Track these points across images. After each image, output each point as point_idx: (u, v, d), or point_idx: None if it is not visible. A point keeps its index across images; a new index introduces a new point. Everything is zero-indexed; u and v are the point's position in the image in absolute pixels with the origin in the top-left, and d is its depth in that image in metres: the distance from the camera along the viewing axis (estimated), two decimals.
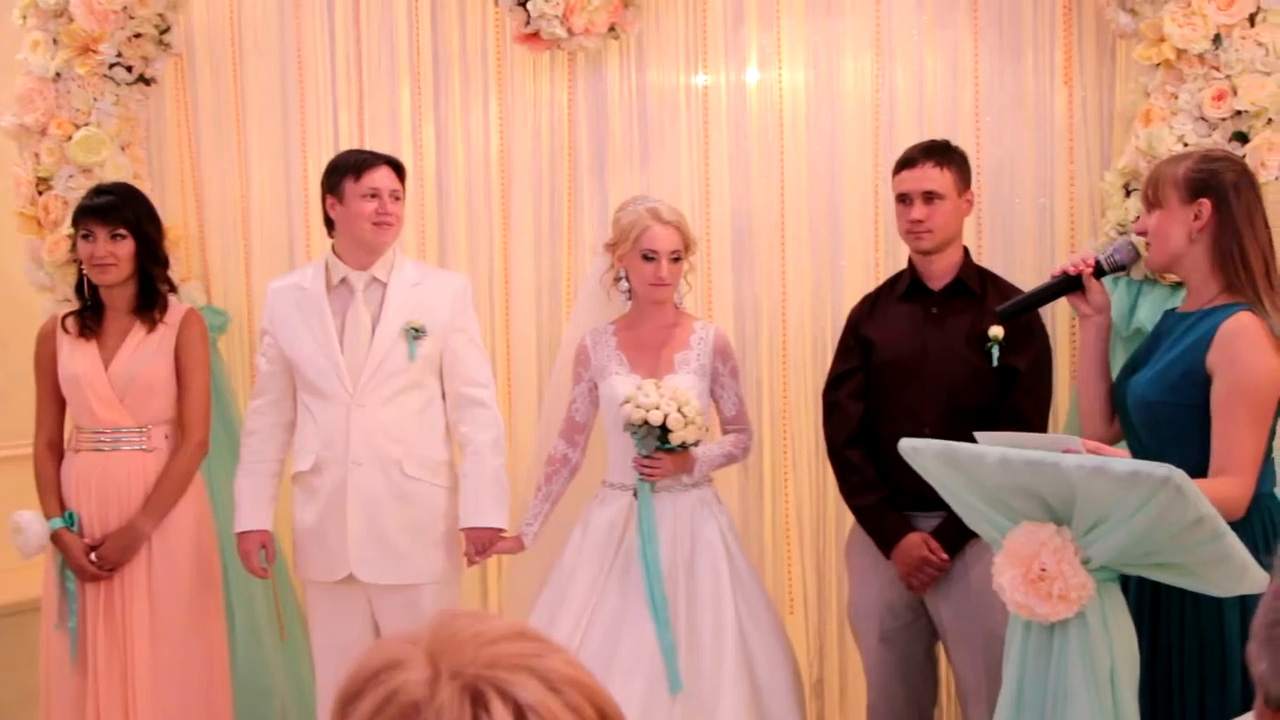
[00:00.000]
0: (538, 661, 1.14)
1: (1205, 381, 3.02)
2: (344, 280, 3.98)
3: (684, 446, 3.81)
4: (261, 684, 4.61)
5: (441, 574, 4.01)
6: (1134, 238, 3.42)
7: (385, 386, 3.91)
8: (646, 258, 3.88)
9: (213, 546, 4.16)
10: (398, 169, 3.99)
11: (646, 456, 3.81)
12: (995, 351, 3.62)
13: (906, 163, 3.78)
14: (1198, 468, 2.94)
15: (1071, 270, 3.27)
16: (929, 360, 3.74)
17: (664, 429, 3.75)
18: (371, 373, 3.90)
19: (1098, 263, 3.27)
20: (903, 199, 3.77)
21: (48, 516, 3.98)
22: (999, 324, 3.64)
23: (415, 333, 3.92)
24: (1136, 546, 2.78)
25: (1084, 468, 2.77)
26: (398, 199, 3.96)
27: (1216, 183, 3.09)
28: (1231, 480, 2.95)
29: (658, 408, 3.74)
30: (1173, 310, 3.31)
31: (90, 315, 4.04)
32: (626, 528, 3.89)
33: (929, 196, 3.72)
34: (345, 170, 3.95)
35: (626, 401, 3.78)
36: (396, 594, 3.93)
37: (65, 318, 4.06)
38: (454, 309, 4.01)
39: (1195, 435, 3.03)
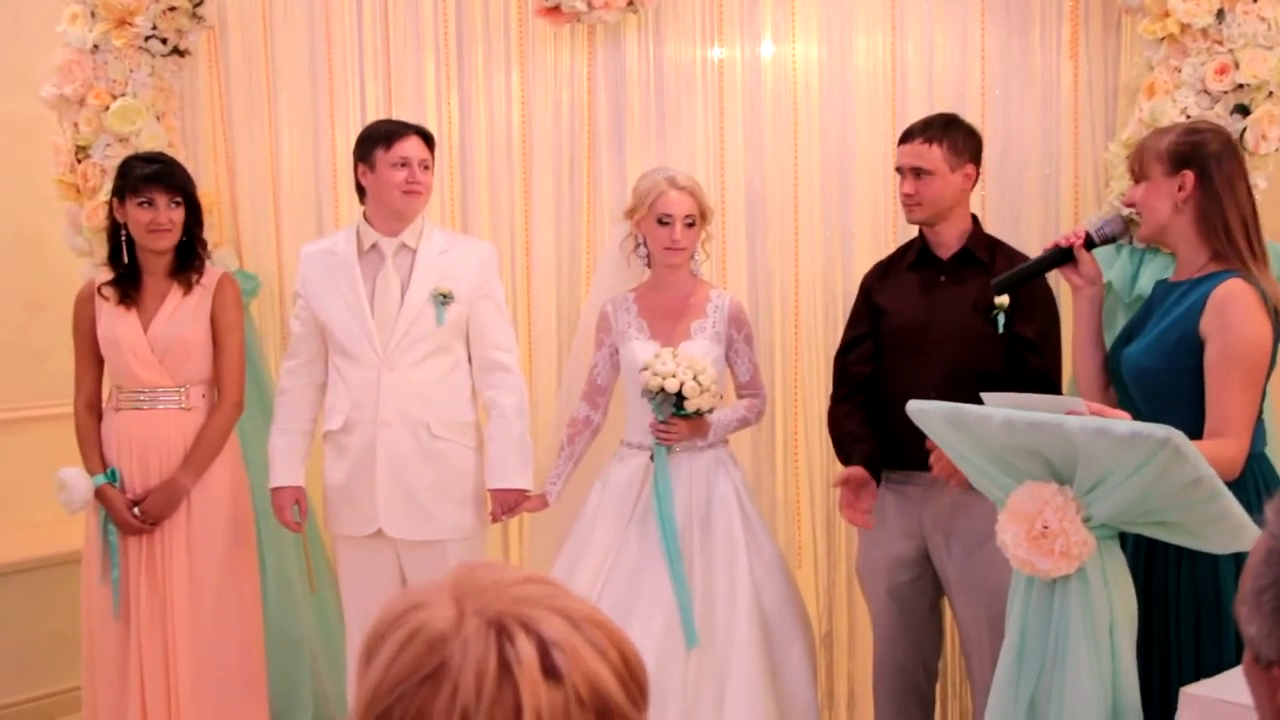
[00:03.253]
0: (559, 601, 1.15)
1: (1199, 347, 3.04)
2: (374, 246, 4.01)
3: (699, 413, 3.83)
4: (292, 633, 4.65)
5: (467, 530, 4.05)
6: (1124, 210, 3.43)
7: (414, 350, 3.94)
8: (661, 222, 3.91)
9: (247, 501, 4.21)
10: (427, 139, 4.02)
11: (663, 421, 3.84)
12: (1000, 319, 3.63)
13: (904, 138, 3.80)
14: (1193, 431, 2.94)
15: (1063, 243, 3.29)
16: (936, 327, 3.75)
17: (680, 396, 3.78)
18: (401, 337, 3.94)
19: (1088, 235, 3.29)
20: (899, 171, 3.79)
21: (90, 473, 4.02)
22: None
23: (443, 298, 3.94)
24: (1136, 505, 2.81)
25: (1086, 429, 2.79)
26: (426, 168, 3.98)
27: (1199, 154, 3.11)
28: (1227, 442, 2.98)
29: (674, 376, 3.77)
30: (1164, 280, 3.32)
31: (128, 282, 4.06)
32: (644, 484, 3.93)
33: (917, 172, 3.73)
34: (376, 139, 3.97)
35: (645, 369, 3.81)
36: (424, 549, 3.98)
37: (102, 286, 4.08)
38: (480, 276, 4.04)
39: (1190, 399, 3.05)
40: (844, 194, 4.35)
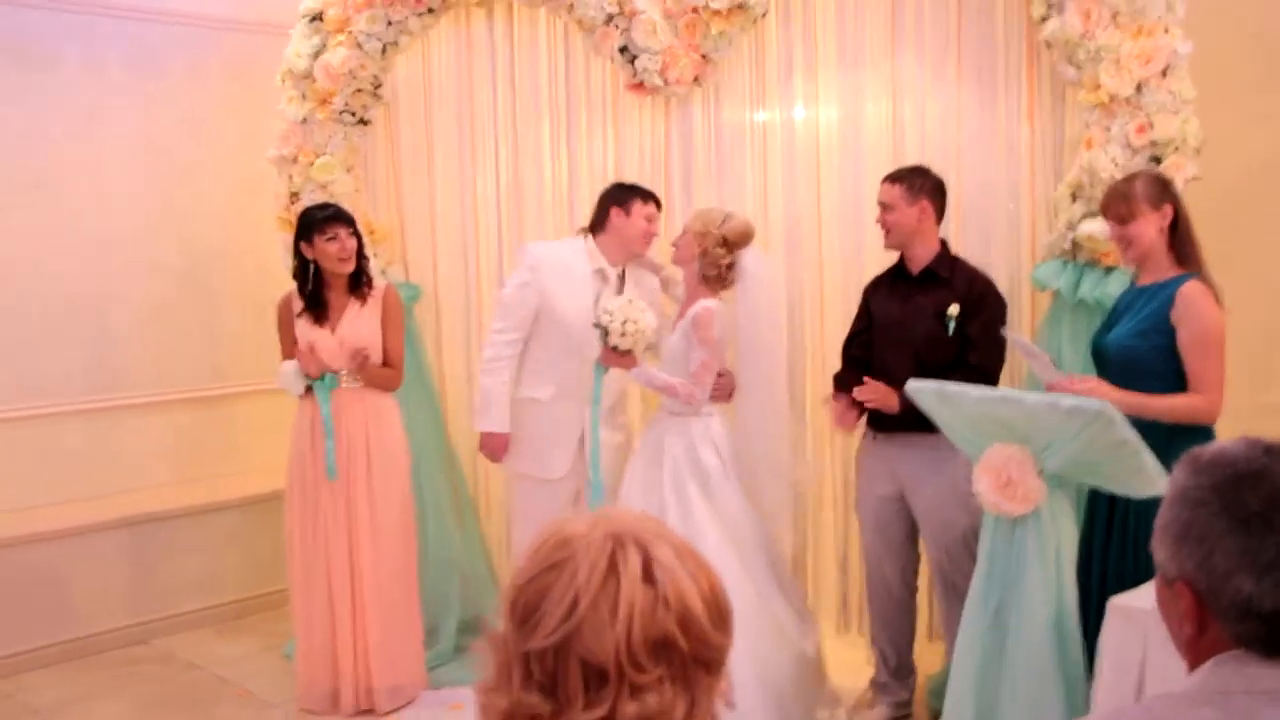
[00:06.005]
0: (671, 538, 1.15)
1: (1170, 332, 3.09)
2: (600, 269, 3.99)
3: (615, 350, 3.76)
4: (445, 555, 4.66)
5: None
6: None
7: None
8: None
9: (407, 456, 4.21)
10: (659, 207, 4.06)
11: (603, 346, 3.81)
12: (951, 324, 3.63)
13: (882, 181, 3.82)
14: (1163, 389, 3.07)
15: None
16: (904, 328, 3.73)
17: (605, 331, 3.75)
18: None
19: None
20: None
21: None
22: (955, 303, 3.64)
23: None
24: (1078, 461, 2.85)
25: (1040, 404, 2.84)
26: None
27: (1170, 191, 3.21)
28: (1197, 397, 3.05)
29: (609, 313, 3.74)
30: (1133, 285, 3.34)
31: (317, 307, 4.06)
32: (658, 438, 3.83)
33: (884, 206, 3.74)
34: (639, 193, 4.01)
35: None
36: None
37: (298, 310, 4.08)
38: (658, 298, 4.06)
39: (1160, 369, 3.10)
40: (857, 225, 4.32)
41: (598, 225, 4.03)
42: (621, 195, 4.00)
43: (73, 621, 4.84)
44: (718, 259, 3.80)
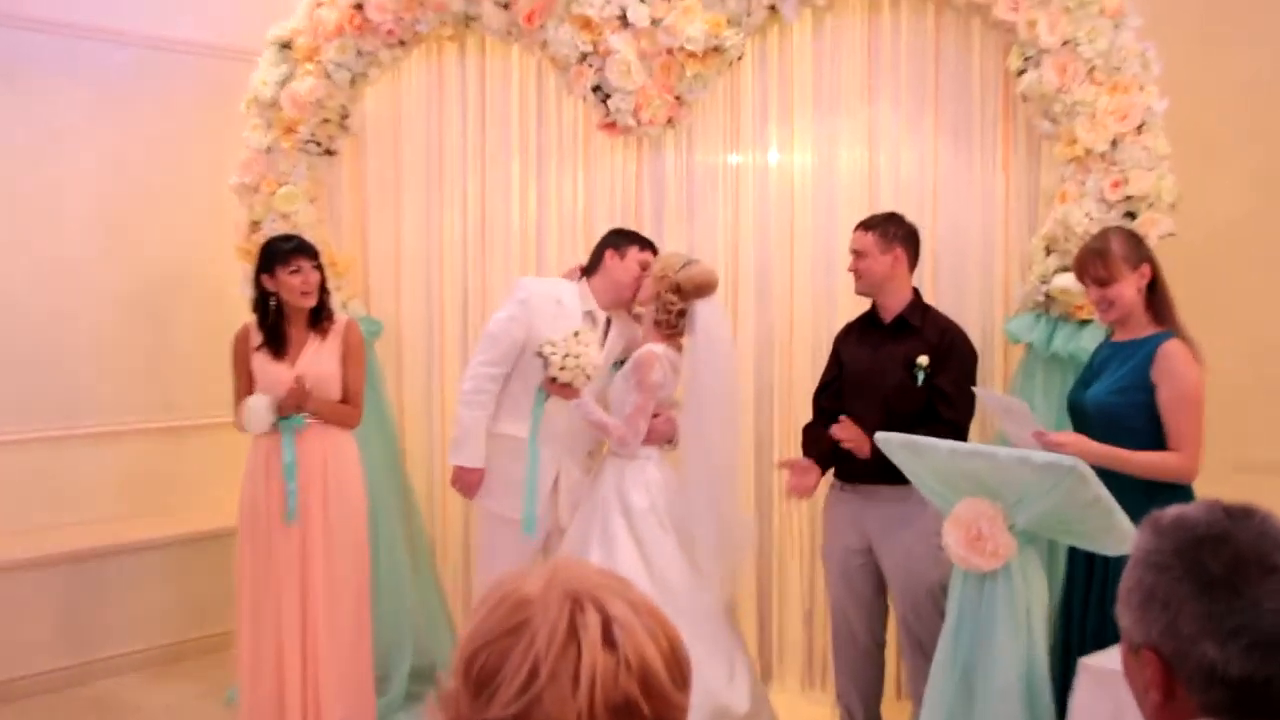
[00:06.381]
0: (628, 593, 1.13)
1: (1150, 389, 3.09)
2: (590, 312, 3.94)
3: (554, 381, 3.72)
4: (398, 596, 4.58)
5: None
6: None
7: (591, 394, 3.85)
8: None
9: (364, 497, 4.08)
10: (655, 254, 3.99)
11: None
12: (920, 375, 3.59)
13: (855, 227, 3.80)
14: (1142, 446, 3.06)
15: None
16: (874, 377, 3.69)
17: (545, 360, 3.71)
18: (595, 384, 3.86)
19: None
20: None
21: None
22: (926, 353, 3.61)
23: (620, 365, 3.91)
24: (1049, 517, 2.83)
25: (1012, 458, 2.82)
26: None
27: (1145, 250, 3.21)
28: (1172, 455, 3.05)
29: (552, 345, 3.70)
30: (1108, 340, 3.33)
31: (276, 342, 3.94)
32: (599, 481, 3.81)
33: (856, 254, 3.73)
34: (638, 239, 3.98)
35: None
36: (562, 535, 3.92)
37: (255, 344, 3.96)
38: (630, 347, 4.01)
39: (1140, 426, 3.10)
40: (829, 269, 4.31)
41: (592, 267, 4.00)
42: (619, 239, 3.98)
43: (6, 661, 4.68)
44: (669, 304, 3.76)
